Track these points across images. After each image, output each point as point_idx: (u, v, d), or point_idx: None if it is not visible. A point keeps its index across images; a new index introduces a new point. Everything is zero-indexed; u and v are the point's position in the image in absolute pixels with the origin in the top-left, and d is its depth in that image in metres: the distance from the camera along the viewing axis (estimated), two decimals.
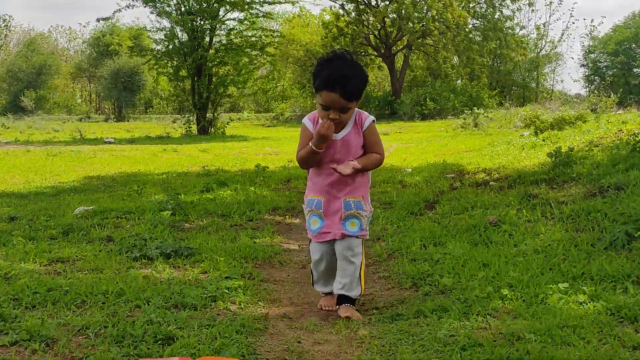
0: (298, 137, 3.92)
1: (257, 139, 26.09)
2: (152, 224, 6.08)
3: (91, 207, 7.00)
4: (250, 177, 10.21)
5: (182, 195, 7.99)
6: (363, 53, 49.45)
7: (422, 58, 52.14)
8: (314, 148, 3.64)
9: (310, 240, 3.87)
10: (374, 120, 3.79)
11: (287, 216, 7.11)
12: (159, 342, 3.06)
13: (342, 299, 3.76)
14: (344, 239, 3.72)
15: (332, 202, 3.74)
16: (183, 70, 30.35)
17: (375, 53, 49.18)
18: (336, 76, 3.52)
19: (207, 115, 30.24)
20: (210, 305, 3.71)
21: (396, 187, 8.87)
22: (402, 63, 49.95)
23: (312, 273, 3.95)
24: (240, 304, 3.80)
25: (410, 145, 19.12)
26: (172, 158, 15.38)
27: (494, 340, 3.03)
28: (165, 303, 3.66)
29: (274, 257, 5.12)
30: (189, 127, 29.80)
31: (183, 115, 31.57)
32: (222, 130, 29.99)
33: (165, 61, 30.11)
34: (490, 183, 8.02)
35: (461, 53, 48.33)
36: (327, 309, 3.84)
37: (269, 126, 46.02)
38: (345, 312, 3.68)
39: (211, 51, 30.27)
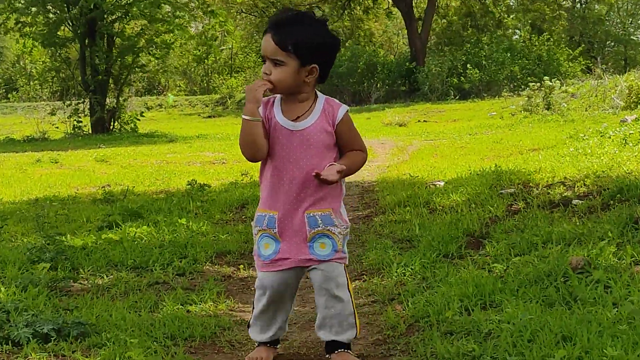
0: None
1: (190, 138, 26.13)
2: (18, 286, 6.03)
3: None
4: (181, 202, 10.20)
5: (68, 237, 7.95)
6: None
7: None
8: (244, 116, 4.21)
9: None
10: (347, 110, 4.44)
11: (241, 266, 7.10)
12: None
13: (334, 346, 4.46)
14: (319, 266, 4.35)
15: (290, 218, 4.36)
16: (65, 29, 30.29)
17: None
18: (275, 18, 4.30)
19: (108, 101, 30.21)
20: None
21: (420, 212, 8.89)
22: (425, 8, 50.19)
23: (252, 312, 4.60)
24: None
25: (442, 143, 19.23)
26: (50, 174, 15.35)
27: None
28: None
29: (221, 335, 5.11)
30: (78, 122, 29.73)
31: (68, 103, 31.51)
32: (132, 125, 30.01)
33: (34, 14, 29.93)
34: (574, 202, 8.06)
35: None
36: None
37: (210, 116, 46.13)
38: (341, 358, 4.40)
39: None
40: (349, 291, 4.40)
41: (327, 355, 4.49)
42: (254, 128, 4.21)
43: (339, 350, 4.43)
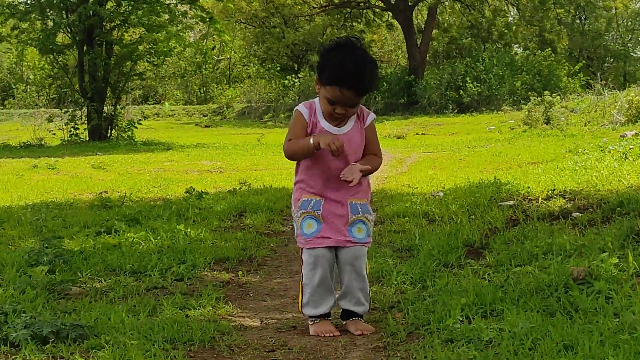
0: (255, 143, 4.68)
1: (188, 147, 26.13)
2: (16, 288, 6.03)
3: None
4: (179, 209, 10.19)
5: (67, 241, 7.95)
6: (363, 5, 49.73)
7: (459, 12, 52.46)
8: (314, 145, 4.97)
9: (301, 249, 5.23)
10: (374, 118, 5.33)
11: (239, 272, 7.10)
12: None
13: (350, 314, 5.25)
14: (350, 247, 5.16)
15: (333, 204, 5.15)
16: (63, 36, 30.29)
17: (382, 4, 49.38)
18: (350, 70, 4.88)
19: (105, 108, 30.21)
20: None
21: (419, 222, 8.90)
22: (425, 21, 50.16)
23: (301, 293, 5.25)
24: None
25: (441, 155, 19.24)
26: (48, 180, 15.34)
27: None
28: None
29: (220, 339, 5.10)
30: (75, 129, 29.71)
31: (65, 110, 31.50)
32: (129, 133, 29.99)
33: (31, 21, 29.94)
34: (574, 214, 8.08)
35: (524, 3, 48.62)
36: (326, 334, 5.11)
37: (207, 126, 46.13)
38: (356, 327, 5.17)
39: (110, 4, 30.24)
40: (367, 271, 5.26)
41: (343, 322, 5.27)
42: (312, 151, 5.01)
43: (354, 318, 5.22)
